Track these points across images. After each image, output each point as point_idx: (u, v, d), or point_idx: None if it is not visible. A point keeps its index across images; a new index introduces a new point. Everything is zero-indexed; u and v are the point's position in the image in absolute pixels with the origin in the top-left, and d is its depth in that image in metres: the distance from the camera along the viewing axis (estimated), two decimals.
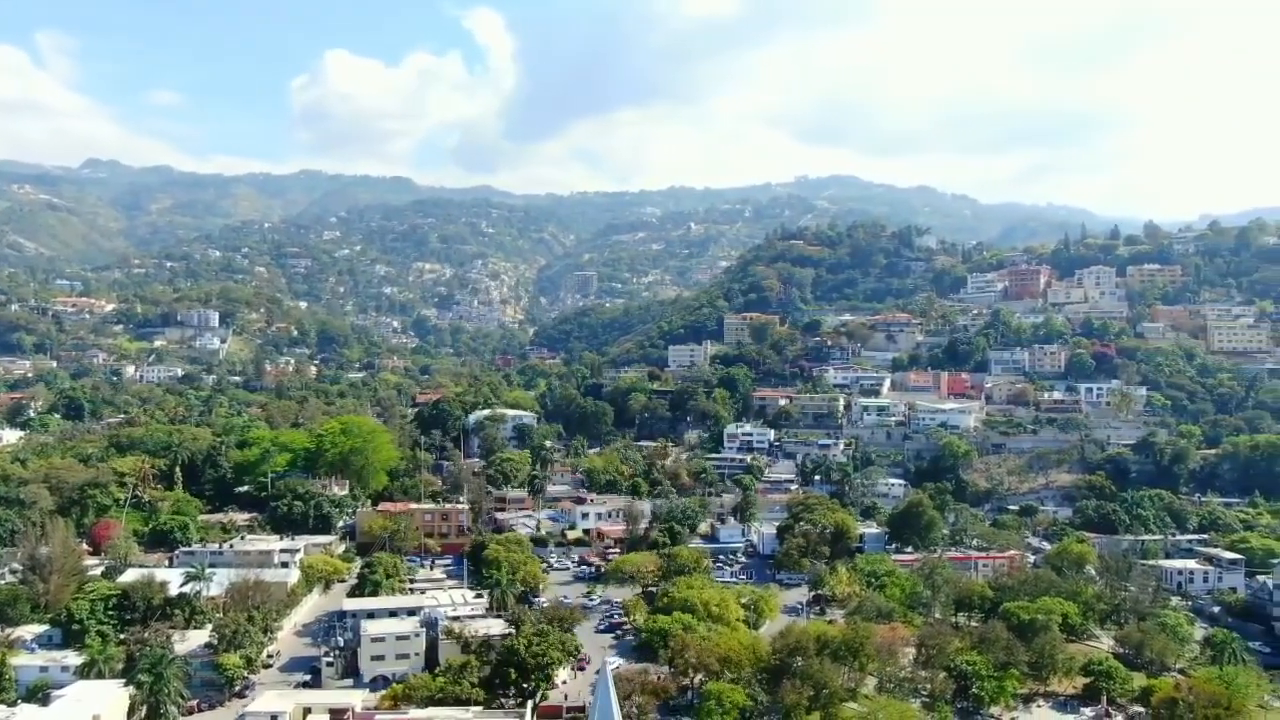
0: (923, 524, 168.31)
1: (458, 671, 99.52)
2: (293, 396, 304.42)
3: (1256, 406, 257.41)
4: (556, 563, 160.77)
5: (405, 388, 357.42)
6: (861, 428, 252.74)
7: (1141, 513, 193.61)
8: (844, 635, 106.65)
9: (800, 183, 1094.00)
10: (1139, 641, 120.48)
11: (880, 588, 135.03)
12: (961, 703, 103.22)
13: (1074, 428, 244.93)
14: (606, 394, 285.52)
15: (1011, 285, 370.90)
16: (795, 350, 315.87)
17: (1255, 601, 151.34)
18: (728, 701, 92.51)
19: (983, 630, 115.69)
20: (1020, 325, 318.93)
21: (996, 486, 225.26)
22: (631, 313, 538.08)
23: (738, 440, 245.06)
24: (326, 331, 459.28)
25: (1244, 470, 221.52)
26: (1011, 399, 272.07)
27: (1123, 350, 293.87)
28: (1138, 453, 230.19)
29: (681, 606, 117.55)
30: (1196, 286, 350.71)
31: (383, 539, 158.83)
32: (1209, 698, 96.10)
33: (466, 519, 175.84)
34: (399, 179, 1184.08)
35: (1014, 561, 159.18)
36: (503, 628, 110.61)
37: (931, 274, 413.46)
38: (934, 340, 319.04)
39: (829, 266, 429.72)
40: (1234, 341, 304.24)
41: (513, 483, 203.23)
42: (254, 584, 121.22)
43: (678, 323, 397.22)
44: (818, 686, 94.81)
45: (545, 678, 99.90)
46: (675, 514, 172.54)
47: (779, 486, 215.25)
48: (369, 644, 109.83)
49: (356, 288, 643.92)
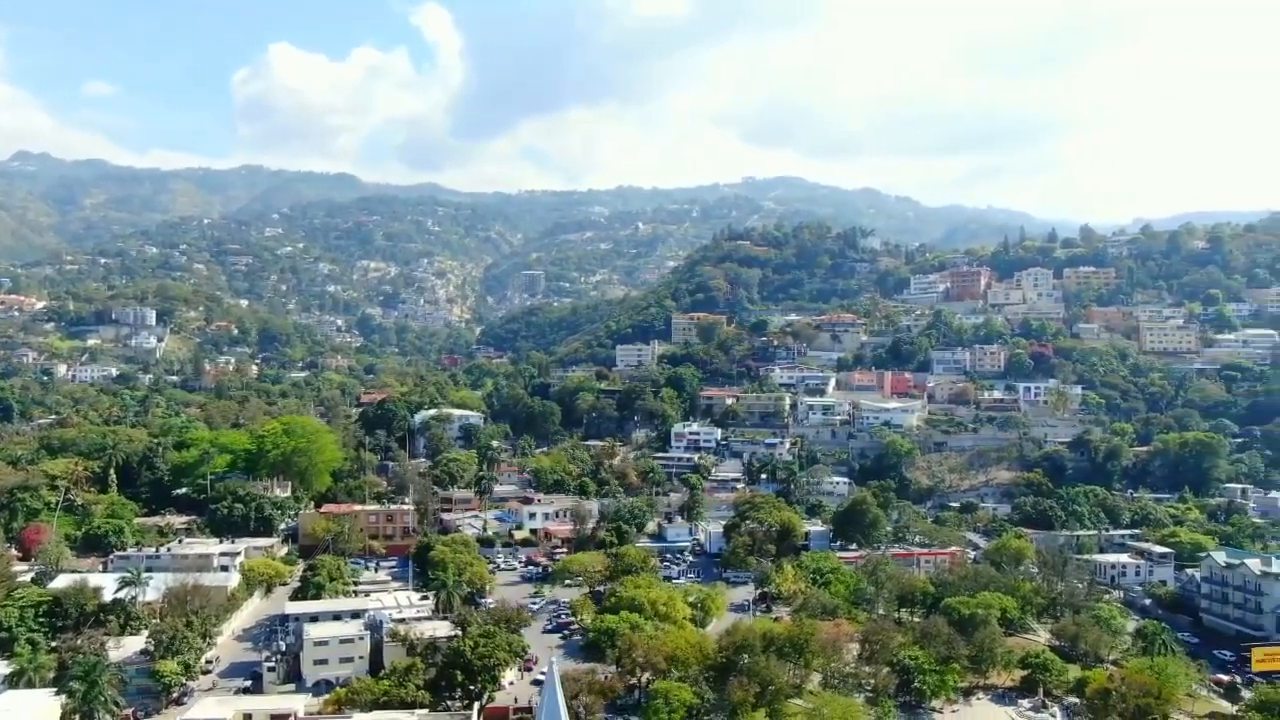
0: (867, 522, 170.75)
1: (403, 674, 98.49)
2: (233, 396, 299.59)
3: (1185, 405, 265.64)
4: (504, 563, 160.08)
5: (349, 387, 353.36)
6: (807, 427, 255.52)
7: (1077, 509, 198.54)
8: (789, 632, 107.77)
9: (747, 183, 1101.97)
10: (1074, 634, 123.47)
11: (825, 585, 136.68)
12: (904, 697, 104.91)
13: (1013, 426, 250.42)
14: (554, 394, 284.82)
15: (953, 286, 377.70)
16: (742, 350, 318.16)
17: (1184, 594, 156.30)
18: (675, 700, 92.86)
19: (925, 625, 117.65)
20: (961, 326, 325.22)
21: (938, 484, 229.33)
22: (579, 312, 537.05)
23: (685, 440, 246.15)
24: (268, 330, 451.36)
25: (1174, 467, 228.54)
26: (953, 398, 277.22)
27: (1059, 350, 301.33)
28: (1073, 450, 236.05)
29: (629, 606, 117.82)
30: (1129, 288, 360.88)
31: (326, 541, 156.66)
32: (1140, 687, 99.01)
33: (412, 520, 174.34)
34: (343, 176, 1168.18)
35: (955, 558, 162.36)
36: (449, 629, 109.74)
37: (876, 275, 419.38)
38: (878, 340, 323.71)
39: (775, 267, 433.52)
40: (1164, 342, 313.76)
41: (459, 483, 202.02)
42: (192, 588, 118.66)
43: (625, 322, 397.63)
44: (764, 683, 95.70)
45: (492, 679, 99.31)
46: (623, 513, 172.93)
47: (726, 485, 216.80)
48: (312, 648, 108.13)
49: (299, 286, 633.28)
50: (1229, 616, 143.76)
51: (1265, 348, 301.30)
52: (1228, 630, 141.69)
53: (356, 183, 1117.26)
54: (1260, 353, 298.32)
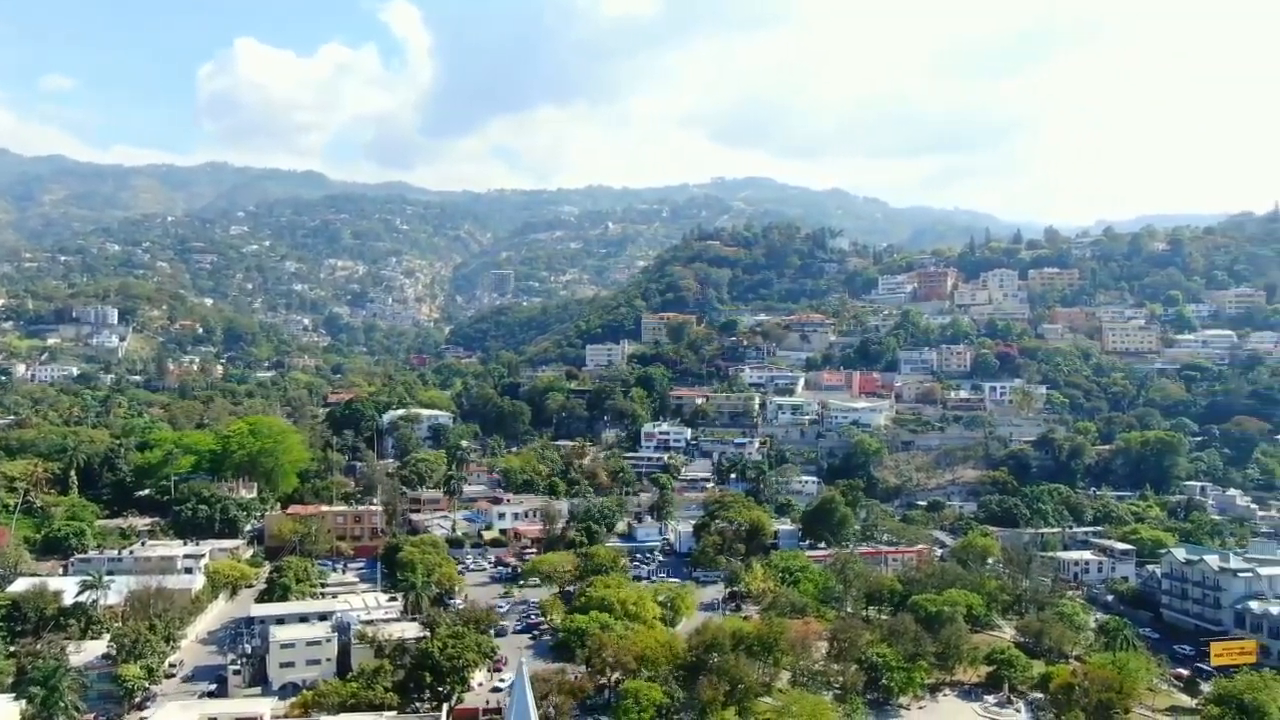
0: (835, 520, 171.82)
1: (371, 676, 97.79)
2: (197, 396, 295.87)
3: (1147, 404, 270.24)
4: (473, 564, 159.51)
5: (316, 387, 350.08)
6: (776, 426, 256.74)
7: (1041, 506, 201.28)
8: (759, 631, 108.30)
9: (717, 184, 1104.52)
10: (1038, 630, 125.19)
11: (794, 583, 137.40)
12: (872, 694, 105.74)
13: (979, 425, 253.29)
14: (524, 393, 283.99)
15: (920, 287, 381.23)
16: (712, 350, 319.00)
17: (1145, 590, 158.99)
18: (645, 699, 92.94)
19: (892, 623, 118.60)
20: (928, 326, 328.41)
21: (906, 483, 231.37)
22: (549, 312, 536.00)
23: (655, 439, 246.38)
24: (233, 329, 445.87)
25: (1135, 465, 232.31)
26: (920, 398, 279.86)
27: (1024, 350, 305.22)
28: (1038, 449, 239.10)
29: (599, 606, 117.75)
30: (1092, 289, 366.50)
31: (293, 543, 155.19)
32: (1103, 682, 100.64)
33: (380, 521, 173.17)
34: (311, 173, 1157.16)
35: (922, 555, 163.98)
36: (417, 631, 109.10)
37: (844, 275, 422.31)
38: (846, 340, 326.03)
39: (745, 267, 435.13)
40: (1126, 342, 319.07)
41: (428, 483, 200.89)
42: (155, 591, 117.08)
43: (595, 322, 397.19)
44: (733, 682, 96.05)
45: (461, 680, 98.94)
46: (593, 513, 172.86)
47: (696, 485, 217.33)
48: (278, 650, 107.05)
49: (265, 284, 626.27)
50: (1188, 612, 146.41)
51: (1223, 348, 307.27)
52: (1187, 625, 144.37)
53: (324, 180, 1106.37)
54: (1219, 353, 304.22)
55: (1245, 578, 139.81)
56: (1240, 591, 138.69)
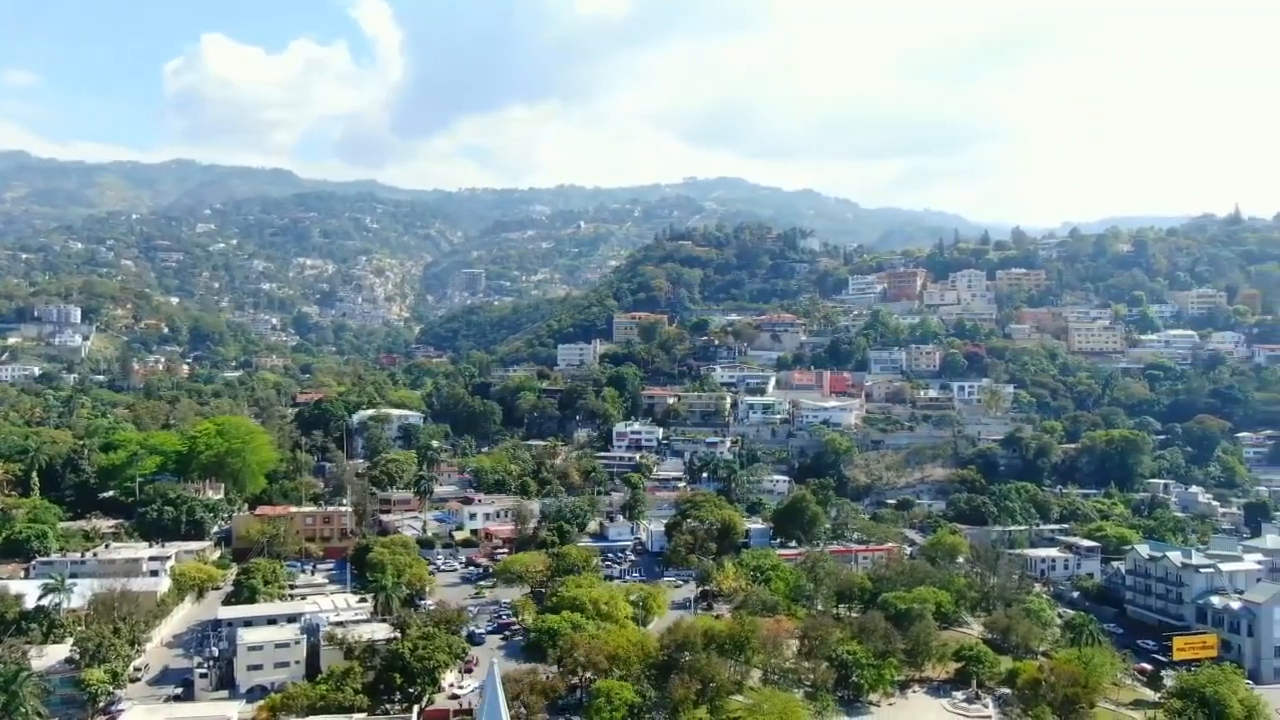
0: (806, 519, 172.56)
1: (340, 678, 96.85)
2: (163, 396, 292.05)
3: (1111, 403, 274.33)
4: (444, 564, 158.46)
5: (285, 387, 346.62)
6: (747, 425, 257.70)
7: (1009, 504, 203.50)
8: (730, 629, 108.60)
9: (689, 184, 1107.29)
10: (1006, 627, 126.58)
11: (765, 582, 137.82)
12: (842, 691, 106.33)
13: (947, 424, 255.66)
14: (495, 393, 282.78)
15: (890, 287, 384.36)
16: (683, 349, 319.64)
17: (1110, 586, 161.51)
18: (617, 699, 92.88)
19: (862, 620, 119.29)
20: (898, 326, 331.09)
21: (875, 481, 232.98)
22: (520, 311, 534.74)
23: (626, 439, 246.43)
24: (200, 328, 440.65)
25: (1100, 463, 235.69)
26: (890, 397, 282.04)
27: (992, 350, 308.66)
28: (1005, 447, 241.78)
29: (570, 605, 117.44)
30: (1059, 290, 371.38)
31: (261, 544, 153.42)
32: (1069, 677, 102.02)
33: (350, 522, 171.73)
34: (279, 171, 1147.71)
35: (892, 553, 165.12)
36: (388, 632, 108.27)
37: (815, 275, 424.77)
38: (817, 340, 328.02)
39: (716, 267, 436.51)
40: (1092, 342, 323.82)
41: (398, 484, 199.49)
42: (120, 594, 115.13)
43: (567, 322, 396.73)
44: (705, 680, 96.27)
45: (431, 681, 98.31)
46: (564, 513, 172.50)
47: (667, 484, 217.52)
48: (245, 653, 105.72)
49: (233, 283, 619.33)
50: (1152, 607, 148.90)
51: (1186, 348, 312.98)
52: (1151, 620, 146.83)
53: (293, 178, 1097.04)
54: (1181, 353, 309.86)
55: (1207, 573, 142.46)
56: (1202, 587, 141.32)
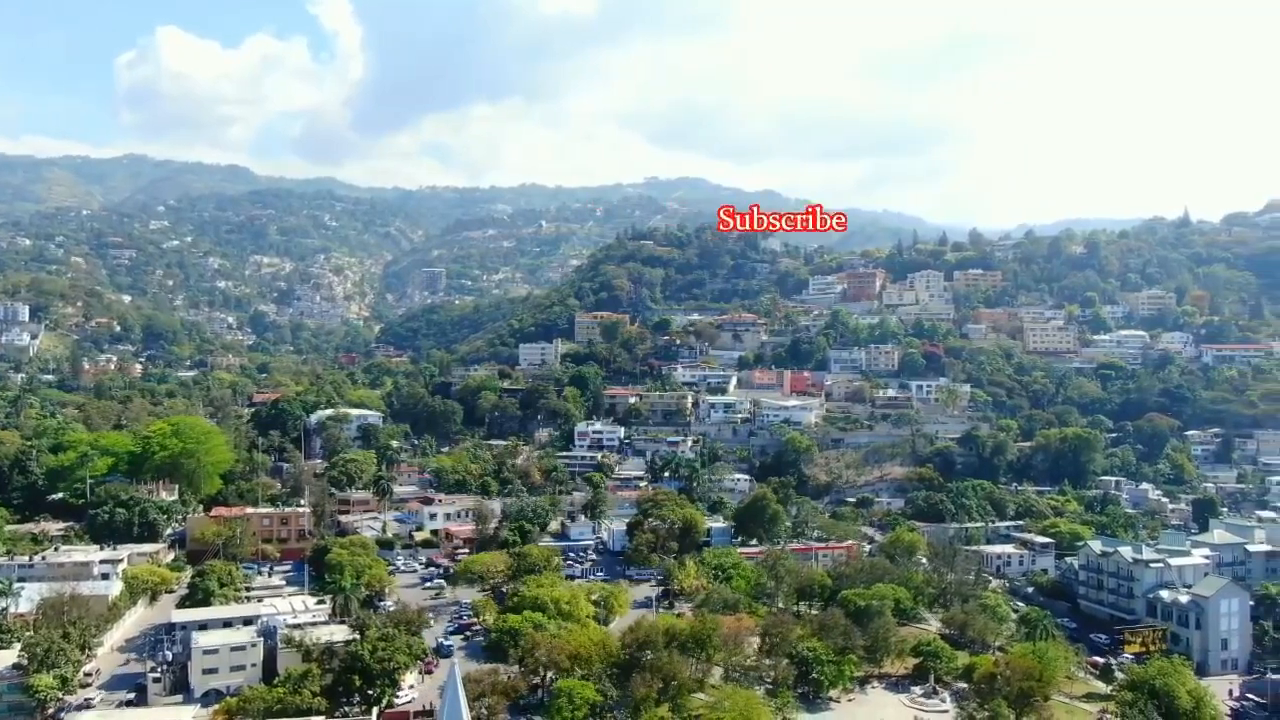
0: (767, 517, 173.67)
1: (298, 681, 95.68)
2: (115, 396, 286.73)
3: (1065, 402, 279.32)
4: (404, 565, 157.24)
5: (241, 387, 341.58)
6: (709, 425, 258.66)
7: (966, 502, 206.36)
8: (692, 627, 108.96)
9: (650, 184, 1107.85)
10: (963, 622, 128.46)
11: (726, 580, 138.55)
12: (803, 687, 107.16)
13: (906, 423, 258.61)
14: (456, 393, 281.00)
15: (850, 288, 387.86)
16: (645, 349, 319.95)
17: (1063, 581, 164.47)
18: (578, 698, 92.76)
19: (822, 617, 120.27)
20: (858, 326, 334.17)
21: (835, 480, 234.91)
22: (482, 310, 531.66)
23: (588, 438, 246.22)
24: (153, 327, 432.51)
25: (1054, 461, 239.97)
26: (849, 396, 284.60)
27: (950, 350, 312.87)
28: (962, 446, 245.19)
29: (532, 605, 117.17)
30: (1014, 291, 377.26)
31: (216, 546, 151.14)
32: (1023, 671, 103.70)
33: (308, 522, 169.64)
34: (235, 168, 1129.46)
35: (851, 551, 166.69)
36: (346, 634, 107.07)
37: (776, 276, 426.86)
38: (778, 340, 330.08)
39: (678, 267, 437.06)
40: (1046, 342, 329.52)
41: (357, 484, 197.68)
42: (70, 598, 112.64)
43: (529, 321, 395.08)
44: (666, 679, 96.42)
45: (391, 683, 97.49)
46: (525, 512, 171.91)
47: (629, 483, 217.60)
48: (200, 656, 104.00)
49: (187, 281, 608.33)
50: (1104, 602, 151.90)
51: (1136, 348, 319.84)
52: (1103, 615, 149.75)
53: (249, 175, 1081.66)
54: (1132, 352, 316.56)
55: (1156, 568, 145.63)
56: (1152, 581, 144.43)
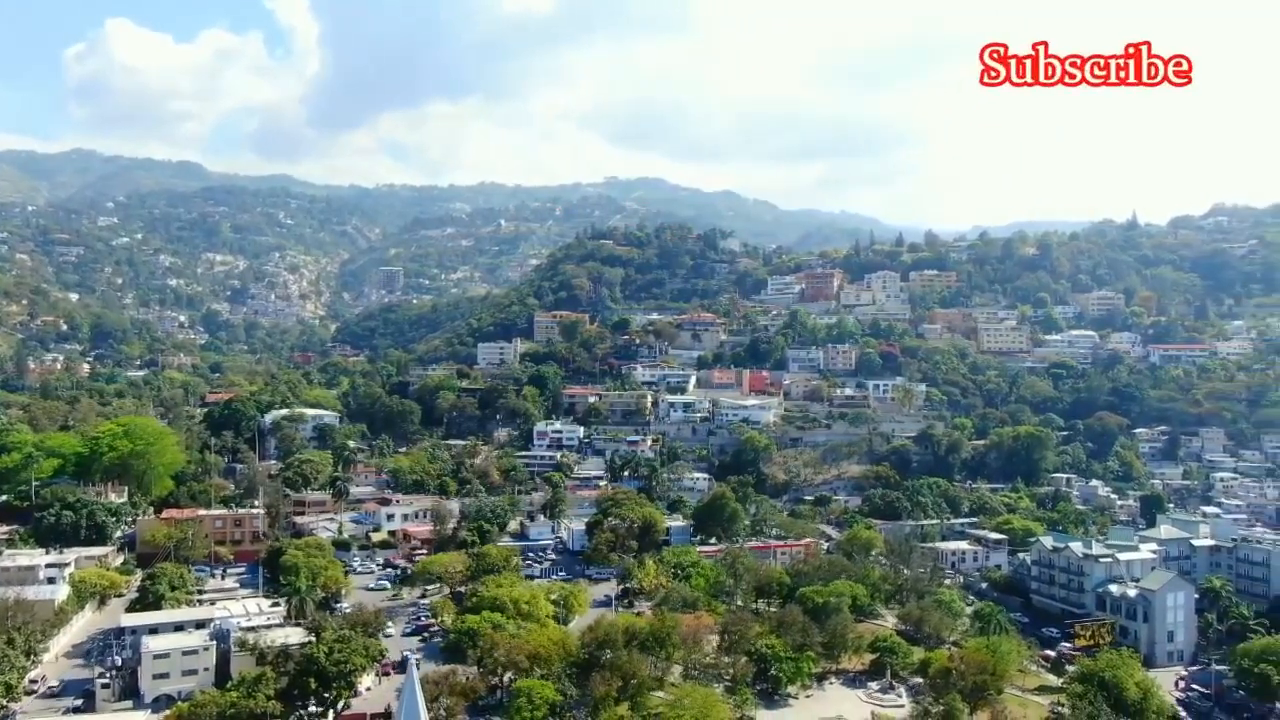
0: (726, 516, 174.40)
1: (252, 684, 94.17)
2: (61, 396, 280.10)
3: (1018, 401, 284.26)
4: (360, 566, 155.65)
5: (194, 386, 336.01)
6: (668, 424, 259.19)
7: (921, 499, 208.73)
8: (651, 626, 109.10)
9: (610, 183, 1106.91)
10: (919, 618, 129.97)
11: (686, 578, 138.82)
12: (761, 684, 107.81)
13: (863, 422, 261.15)
14: (413, 392, 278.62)
15: (808, 288, 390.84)
16: (604, 348, 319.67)
17: (1016, 577, 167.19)
18: (538, 698, 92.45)
19: (781, 615, 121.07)
20: (816, 326, 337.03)
21: (794, 478, 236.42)
22: (440, 309, 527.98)
23: (547, 438, 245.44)
24: (101, 326, 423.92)
25: (1008, 459, 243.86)
26: (807, 395, 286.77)
27: (905, 349, 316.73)
28: (918, 444, 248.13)
29: (491, 605, 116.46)
30: (969, 291, 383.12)
31: (167, 548, 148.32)
32: (977, 665, 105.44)
33: (262, 524, 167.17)
34: (187, 164, 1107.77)
35: (809, 549, 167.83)
36: (302, 636, 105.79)
37: (735, 276, 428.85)
38: (737, 339, 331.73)
39: (638, 267, 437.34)
40: (1000, 342, 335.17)
41: (313, 485, 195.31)
42: (14, 603, 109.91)
43: (487, 320, 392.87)
44: (626, 677, 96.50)
45: (348, 685, 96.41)
46: (484, 513, 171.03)
47: (588, 483, 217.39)
48: (151, 661, 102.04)
49: (137, 279, 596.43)
50: (1055, 596, 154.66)
51: (1087, 348, 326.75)
52: (1054, 609, 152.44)
53: (202, 171, 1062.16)
54: (1083, 352, 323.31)
55: (1106, 563, 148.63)
56: (1101, 576, 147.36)
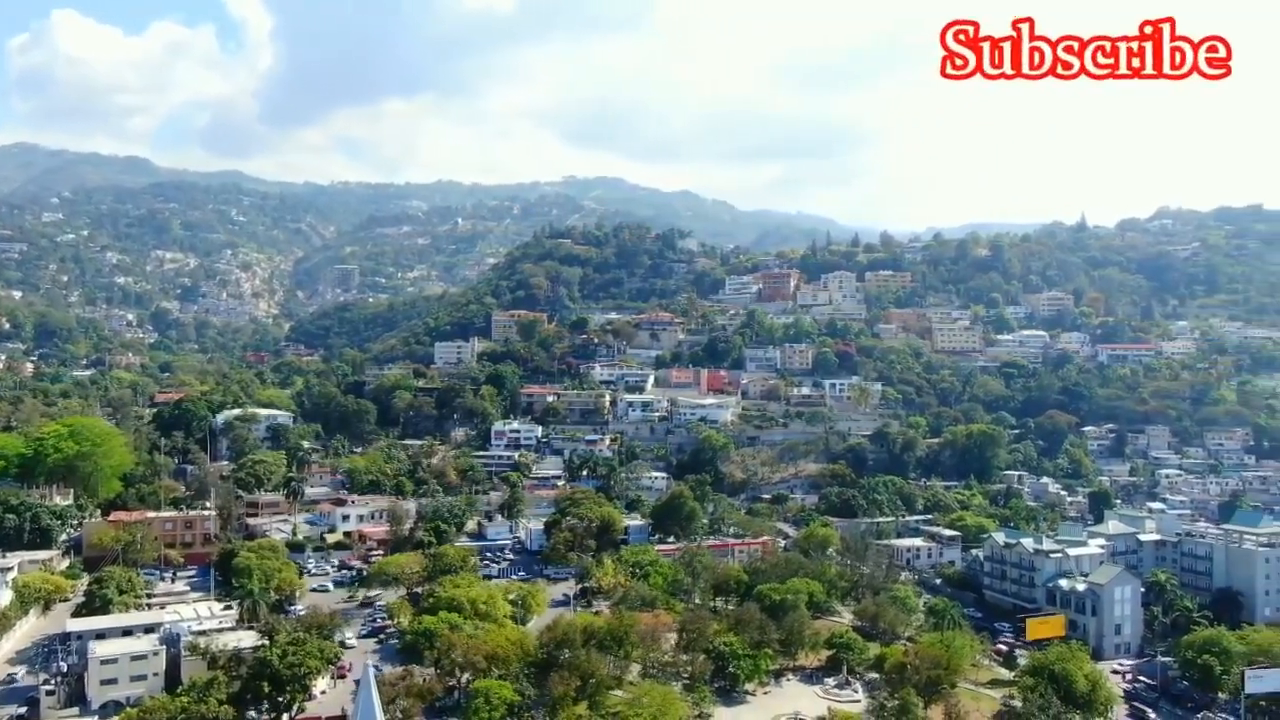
0: (684, 514, 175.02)
1: (203, 689, 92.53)
2: (4, 397, 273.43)
3: (971, 400, 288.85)
4: (315, 568, 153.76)
5: (143, 386, 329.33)
6: (626, 423, 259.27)
7: (877, 497, 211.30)
8: (609, 625, 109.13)
9: (568, 182, 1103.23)
10: (874, 614, 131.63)
11: (644, 577, 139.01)
12: (719, 682, 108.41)
13: (819, 420, 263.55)
14: (369, 392, 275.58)
15: (765, 288, 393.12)
16: (563, 348, 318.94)
17: (969, 572, 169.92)
18: (496, 698, 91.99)
19: (738, 613, 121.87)
20: (773, 325, 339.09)
21: (751, 477, 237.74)
22: (396, 308, 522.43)
23: (505, 437, 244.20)
24: (45, 324, 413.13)
25: (961, 456, 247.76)
26: (765, 394, 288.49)
27: (861, 349, 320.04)
28: (874, 442, 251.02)
29: (448, 606, 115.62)
30: (923, 291, 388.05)
31: (115, 551, 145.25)
32: (932, 660, 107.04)
33: (214, 526, 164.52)
34: (135, 159, 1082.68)
35: (767, 547, 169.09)
36: (255, 639, 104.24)
37: (692, 275, 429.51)
38: (694, 339, 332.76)
39: (596, 266, 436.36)
40: (953, 342, 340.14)
41: (266, 486, 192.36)
42: None
43: (445, 319, 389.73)
44: (584, 677, 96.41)
45: (302, 688, 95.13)
46: (441, 513, 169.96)
47: (547, 482, 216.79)
48: (98, 667, 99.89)
49: (83, 277, 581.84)
50: (1007, 591, 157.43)
51: (1038, 347, 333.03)
52: (1006, 604, 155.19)
53: (150, 167, 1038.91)
54: (1034, 352, 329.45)
55: (1056, 558, 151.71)
56: (1052, 571, 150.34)
